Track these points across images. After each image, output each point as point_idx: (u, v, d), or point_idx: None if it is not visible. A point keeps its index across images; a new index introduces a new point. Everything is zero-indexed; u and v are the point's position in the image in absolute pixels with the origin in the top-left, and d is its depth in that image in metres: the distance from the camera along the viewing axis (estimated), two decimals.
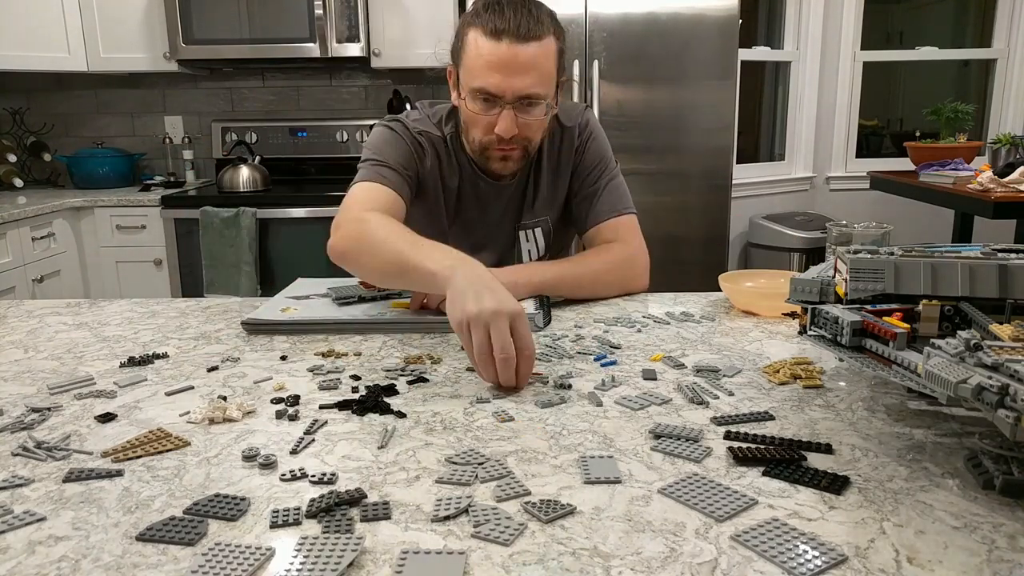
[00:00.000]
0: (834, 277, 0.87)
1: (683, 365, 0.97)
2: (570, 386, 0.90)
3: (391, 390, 0.90)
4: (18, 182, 3.39)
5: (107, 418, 0.83)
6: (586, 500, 0.64)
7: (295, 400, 0.87)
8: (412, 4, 3.24)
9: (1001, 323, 0.72)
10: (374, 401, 0.85)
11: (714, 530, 0.59)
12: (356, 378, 0.95)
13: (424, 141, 1.37)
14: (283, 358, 1.03)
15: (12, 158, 3.51)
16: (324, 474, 0.69)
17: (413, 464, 0.71)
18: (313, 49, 3.17)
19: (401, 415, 0.83)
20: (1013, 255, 0.81)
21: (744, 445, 0.73)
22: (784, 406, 0.84)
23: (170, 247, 3.09)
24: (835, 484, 0.65)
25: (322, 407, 0.85)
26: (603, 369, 0.97)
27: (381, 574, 0.54)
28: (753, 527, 0.59)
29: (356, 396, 0.88)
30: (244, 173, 3.18)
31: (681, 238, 3.13)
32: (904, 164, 3.60)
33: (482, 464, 0.70)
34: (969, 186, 2.85)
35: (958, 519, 0.60)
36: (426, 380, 0.94)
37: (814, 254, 3.56)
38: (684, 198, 3.11)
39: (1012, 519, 0.60)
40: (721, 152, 3.07)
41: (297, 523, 0.61)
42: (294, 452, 0.74)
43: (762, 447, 0.72)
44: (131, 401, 0.88)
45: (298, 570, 0.54)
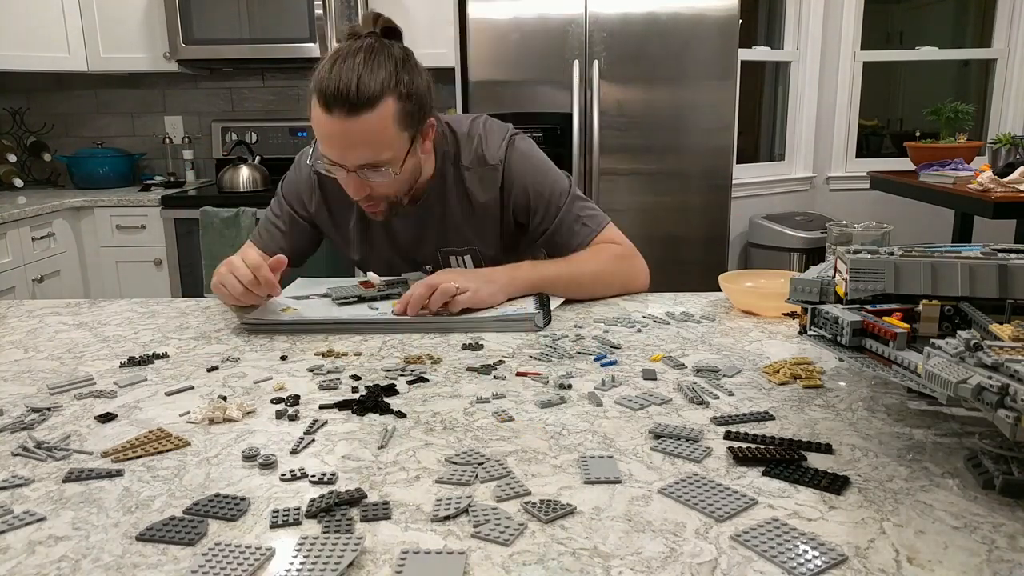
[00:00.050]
0: (834, 277, 0.87)
1: (683, 365, 0.97)
2: (570, 386, 0.90)
3: (391, 390, 0.90)
4: (18, 182, 3.40)
5: (107, 418, 0.83)
6: (586, 500, 0.64)
7: (295, 400, 0.87)
8: (412, 4, 3.23)
9: (1001, 323, 0.72)
10: (374, 401, 0.85)
11: (714, 530, 0.59)
12: (356, 378, 0.95)
13: (315, 178, 1.41)
14: (283, 358, 1.03)
15: (12, 158, 3.51)
16: (324, 474, 0.69)
17: (413, 464, 0.71)
18: (313, 49, 3.17)
19: (401, 415, 0.83)
20: (1013, 255, 0.81)
21: (744, 445, 0.73)
22: (784, 406, 0.84)
23: (170, 247, 3.09)
24: (835, 484, 0.65)
25: (322, 407, 0.85)
26: (603, 369, 0.97)
27: (381, 574, 0.54)
28: (753, 527, 0.59)
29: (356, 396, 0.88)
30: (244, 173, 3.18)
31: (681, 238, 3.13)
32: (904, 164, 3.60)
33: (482, 464, 0.70)
34: (969, 186, 2.85)
35: (958, 519, 0.60)
36: (426, 380, 0.94)
37: (814, 254, 3.56)
38: (684, 198, 3.10)
39: (1012, 519, 0.60)
40: (721, 152, 3.07)
41: (297, 523, 0.61)
42: (294, 452, 0.74)
43: (762, 447, 0.72)
44: (131, 401, 0.89)
45: (298, 570, 0.54)
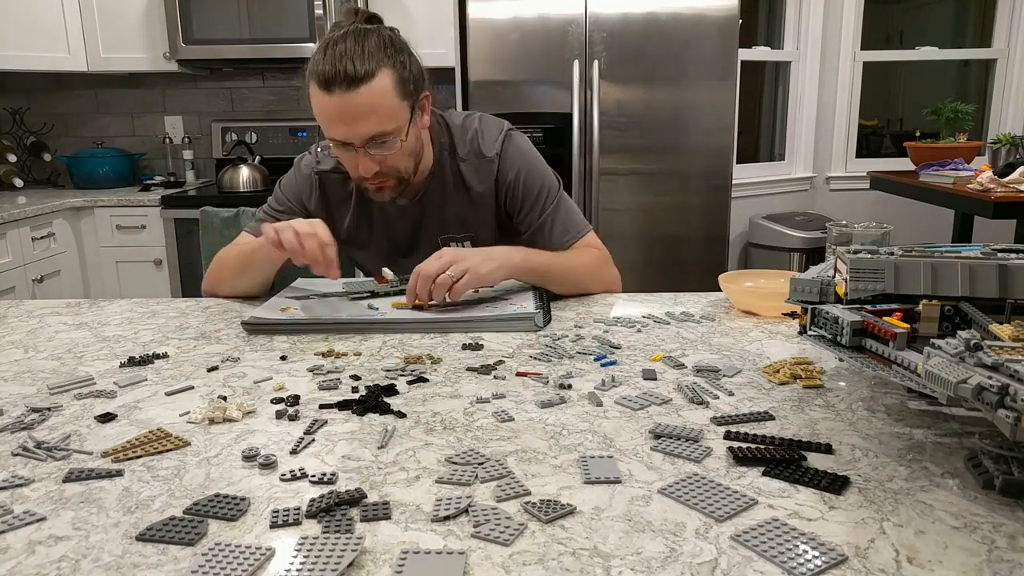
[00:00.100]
0: (834, 277, 0.87)
1: (683, 365, 0.97)
2: (570, 386, 0.90)
3: (391, 390, 0.90)
4: (18, 182, 3.40)
5: (107, 418, 0.83)
6: (586, 500, 0.64)
7: (295, 400, 0.87)
8: (412, 4, 3.23)
9: (1001, 323, 0.72)
10: (374, 401, 0.85)
11: (714, 530, 0.59)
12: (356, 378, 0.95)
13: (315, 179, 1.44)
14: (283, 358, 1.03)
15: (12, 158, 3.51)
16: (324, 474, 0.69)
17: (413, 464, 0.71)
18: (313, 49, 3.16)
19: (401, 415, 0.83)
20: (1013, 255, 0.81)
21: (744, 445, 0.73)
22: (784, 406, 0.84)
23: (170, 247, 3.09)
24: (835, 484, 0.65)
25: (322, 407, 0.85)
26: (603, 369, 0.97)
27: (381, 574, 0.54)
28: (753, 527, 0.59)
29: (356, 396, 0.88)
30: (244, 173, 3.18)
31: (681, 238, 3.13)
32: (904, 164, 3.60)
33: (482, 464, 0.70)
34: (969, 186, 2.85)
35: (958, 519, 0.60)
36: (426, 380, 0.94)
37: (814, 254, 3.56)
38: (684, 198, 3.10)
39: (1012, 519, 0.60)
40: (721, 152, 3.07)
41: (297, 523, 0.61)
42: (294, 452, 0.74)
43: (762, 447, 0.72)
44: (131, 401, 0.88)
45: (298, 570, 0.54)
